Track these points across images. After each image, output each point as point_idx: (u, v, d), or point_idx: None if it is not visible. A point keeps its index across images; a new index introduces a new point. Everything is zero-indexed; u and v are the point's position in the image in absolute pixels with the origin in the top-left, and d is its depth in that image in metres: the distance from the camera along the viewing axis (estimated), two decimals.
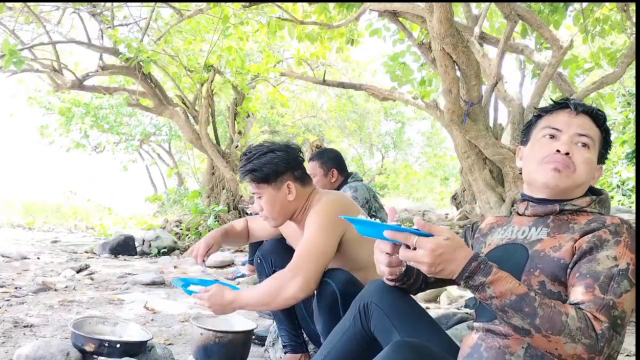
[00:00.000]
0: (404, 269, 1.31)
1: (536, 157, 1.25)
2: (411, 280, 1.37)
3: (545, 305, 1.04)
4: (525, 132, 1.36)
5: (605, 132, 1.28)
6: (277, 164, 1.81)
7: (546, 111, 1.31)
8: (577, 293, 1.07)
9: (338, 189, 2.96)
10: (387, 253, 1.21)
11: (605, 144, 1.29)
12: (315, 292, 1.74)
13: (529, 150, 1.30)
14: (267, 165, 1.81)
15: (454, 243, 1.06)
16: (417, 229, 1.09)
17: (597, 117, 1.27)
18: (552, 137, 1.25)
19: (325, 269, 1.74)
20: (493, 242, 1.31)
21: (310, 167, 2.96)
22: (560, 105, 1.29)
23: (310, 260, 1.69)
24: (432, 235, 1.09)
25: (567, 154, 1.21)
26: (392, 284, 1.38)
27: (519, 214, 1.31)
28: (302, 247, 1.73)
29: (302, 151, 1.94)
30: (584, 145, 1.23)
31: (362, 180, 3.02)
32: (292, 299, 1.69)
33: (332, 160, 2.98)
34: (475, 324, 1.24)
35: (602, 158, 1.28)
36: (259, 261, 2.12)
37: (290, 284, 1.66)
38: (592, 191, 1.28)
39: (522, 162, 1.32)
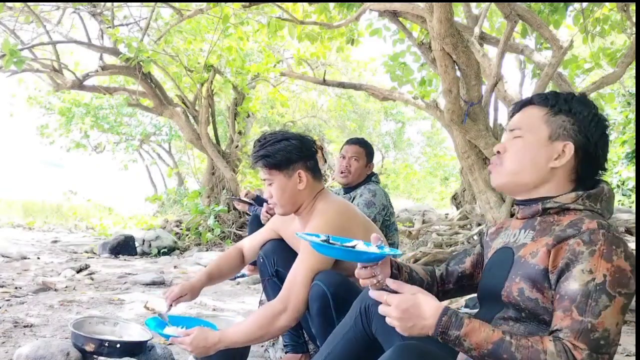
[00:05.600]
0: (381, 282, 1.28)
1: None
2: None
3: (522, 347, 1.03)
4: None
5: (554, 108, 1.22)
6: (290, 152, 1.83)
7: None
8: (557, 318, 1.06)
9: (361, 183, 3.07)
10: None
11: (563, 117, 1.21)
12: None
13: None
14: (280, 152, 1.83)
15: (419, 299, 1.08)
16: (366, 251, 1.23)
17: (541, 102, 1.25)
18: None
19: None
20: (495, 246, 1.34)
21: (356, 150, 3.08)
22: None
23: (300, 289, 1.70)
24: (385, 255, 1.21)
25: (498, 152, 1.27)
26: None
27: (516, 218, 1.33)
28: (294, 272, 1.74)
29: (316, 144, 1.96)
30: (517, 137, 1.25)
31: (379, 183, 3.14)
32: (286, 328, 1.72)
33: (372, 155, 3.17)
34: None
35: (562, 133, 1.20)
36: (261, 260, 2.11)
37: (282, 316, 1.68)
38: (589, 185, 1.21)
39: None
